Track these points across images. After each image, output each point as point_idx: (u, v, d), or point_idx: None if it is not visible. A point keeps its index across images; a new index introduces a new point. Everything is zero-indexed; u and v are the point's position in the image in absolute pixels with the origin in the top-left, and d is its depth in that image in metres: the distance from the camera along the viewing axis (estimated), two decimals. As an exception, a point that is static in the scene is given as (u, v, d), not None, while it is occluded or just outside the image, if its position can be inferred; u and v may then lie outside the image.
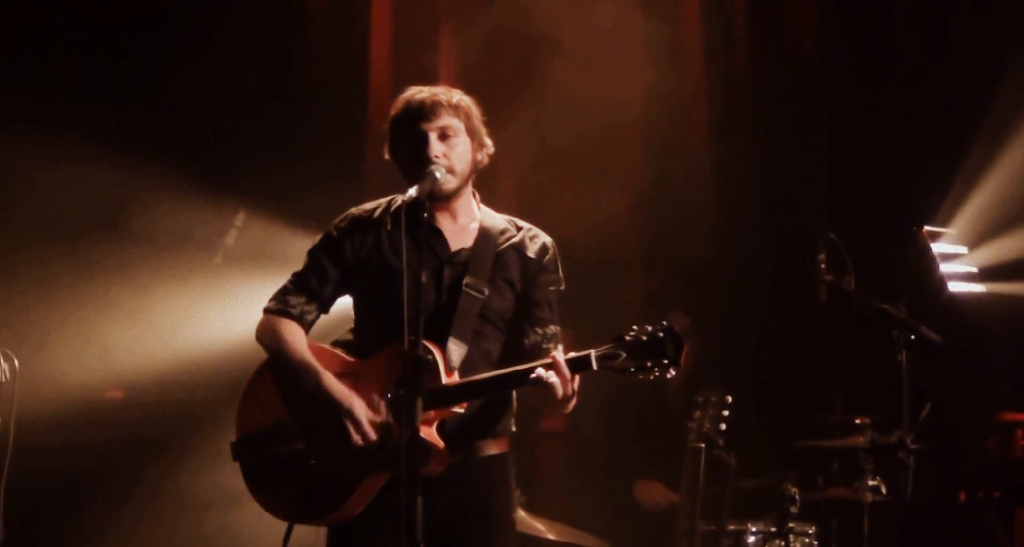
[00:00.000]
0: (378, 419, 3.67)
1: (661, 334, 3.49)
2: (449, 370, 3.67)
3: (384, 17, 7.23)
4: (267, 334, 3.87)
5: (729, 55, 7.21)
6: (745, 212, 6.98)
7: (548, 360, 3.55)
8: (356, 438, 3.66)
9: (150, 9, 6.78)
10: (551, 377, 3.52)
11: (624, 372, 3.51)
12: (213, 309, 6.48)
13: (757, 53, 7.19)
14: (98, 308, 6.45)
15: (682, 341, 3.48)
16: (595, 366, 3.53)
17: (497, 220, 3.90)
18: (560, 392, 3.54)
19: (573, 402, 3.66)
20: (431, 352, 3.62)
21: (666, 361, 3.48)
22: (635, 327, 3.53)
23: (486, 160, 3.88)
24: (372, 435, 3.66)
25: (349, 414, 3.67)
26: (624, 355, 3.50)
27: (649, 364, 3.49)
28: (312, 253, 3.92)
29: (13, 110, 6.28)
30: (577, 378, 3.59)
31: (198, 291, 6.55)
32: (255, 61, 6.93)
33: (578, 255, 4.02)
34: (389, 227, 3.79)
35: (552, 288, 3.87)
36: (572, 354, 3.58)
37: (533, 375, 3.55)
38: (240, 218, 6.77)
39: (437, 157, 3.73)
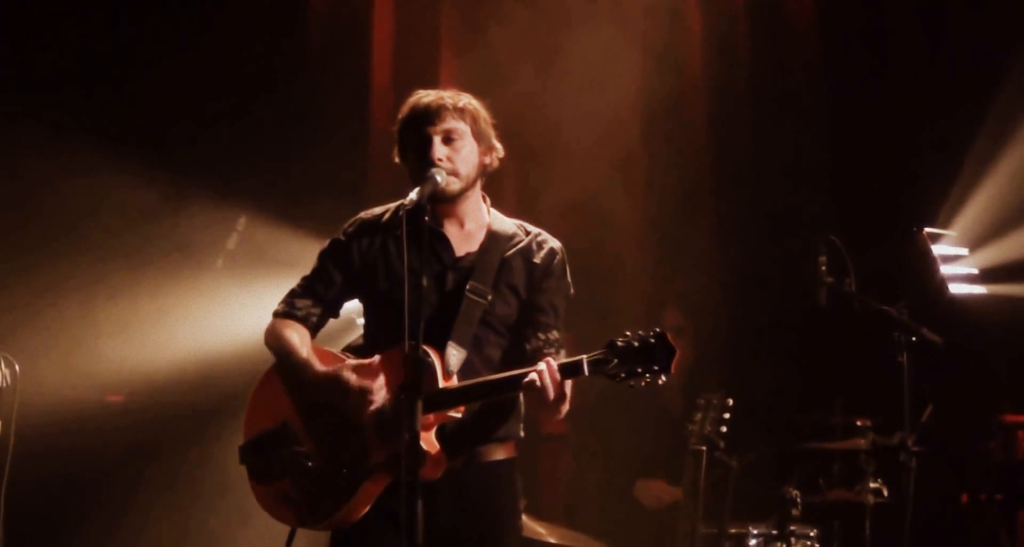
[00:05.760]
0: (376, 384, 3.66)
1: (653, 340, 3.47)
2: (447, 375, 3.67)
3: (386, 19, 7.23)
4: (271, 337, 3.90)
5: (729, 58, 7.21)
6: (746, 214, 6.98)
7: (541, 365, 3.55)
8: (367, 399, 3.64)
9: (151, 12, 6.78)
10: (542, 381, 3.52)
11: (615, 378, 3.50)
12: (214, 313, 6.48)
13: (756, 58, 7.18)
14: (99, 312, 6.45)
15: (674, 349, 3.47)
16: (586, 372, 3.53)
17: (506, 225, 3.89)
18: (550, 397, 3.53)
19: (565, 407, 3.64)
20: (429, 356, 3.62)
21: (656, 368, 3.47)
22: (628, 333, 3.51)
23: (495, 163, 3.88)
24: (382, 395, 3.65)
25: (346, 383, 3.65)
26: (615, 361, 3.49)
27: (640, 370, 3.48)
28: (320, 257, 3.94)
29: (15, 114, 6.28)
30: (569, 383, 3.59)
31: (199, 295, 6.55)
32: (256, 65, 6.93)
33: (577, 256, 4.00)
34: (399, 232, 3.78)
35: (558, 293, 3.86)
36: (564, 359, 3.59)
37: (526, 380, 3.55)
38: (241, 222, 6.78)
39: (440, 160, 3.73)
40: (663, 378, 3.48)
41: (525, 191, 6.81)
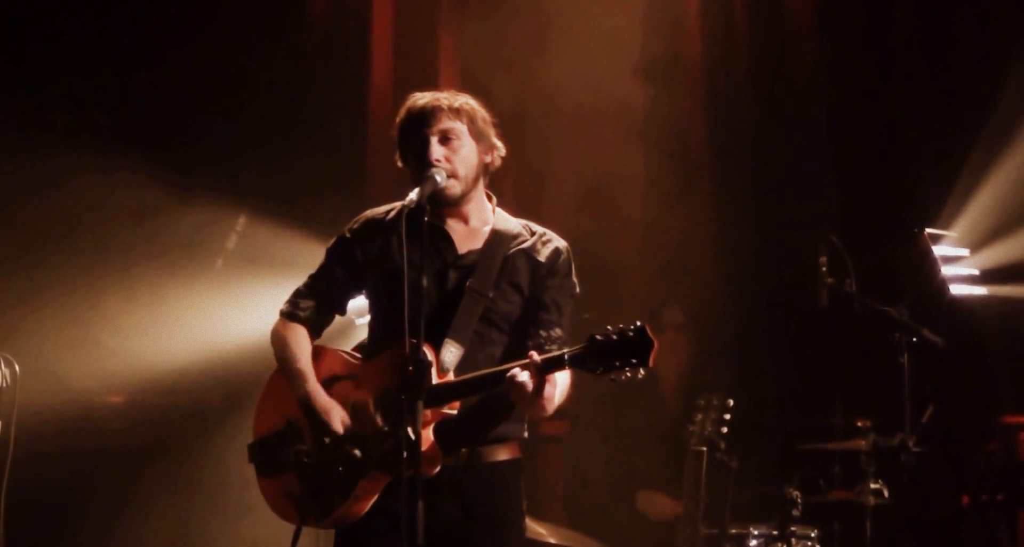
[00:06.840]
0: (358, 428, 3.71)
1: (631, 334, 3.45)
2: (442, 371, 3.67)
3: (385, 18, 7.23)
4: (275, 340, 3.95)
5: (730, 57, 7.21)
6: (747, 213, 6.97)
7: (524, 360, 3.53)
8: (333, 452, 3.72)
9: (150, 11, 6.78)
10: (522, 376, 3.51)
11: (595, 372, 3.48)
12: (214, 313, 6.48)
13: (757, 57, 7.18)
14: (99, 312, 6.45)
15: (652, 341, 3.44)
16: (567, 366, 3.51)
17: (511, 224, 3.90)
18: (530, 391, 3.51)
19: (551, 403, 3.61)
20: (424, 353, 3.62)
21: (635, 361, 3.44)
22: (608, 327, 3.49)
23: (497, 162, 3.89)
24: (349, 447, 3.70)
25: (327, 427, 3.73)
26: (595, 355, 3.47)
27: (618, 364, 3.45)
28: (326, 254, 3.97)
29: (14, 114, 6.28)
30: (565, 379, 3.60)
31: (199, 295, 6.55)
32: (255, 64, 6.93)
33: (580, 255, 4.01)
34: (401, 230, 3.78)
35: (563, 292, 3.86)
36: (547, 355, 3.57)
37: (508, 374, 3.54)
38: (241, 222, 6.78)
39: (438, 160, 3.74)
40: (642, 371, 3.45)
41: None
